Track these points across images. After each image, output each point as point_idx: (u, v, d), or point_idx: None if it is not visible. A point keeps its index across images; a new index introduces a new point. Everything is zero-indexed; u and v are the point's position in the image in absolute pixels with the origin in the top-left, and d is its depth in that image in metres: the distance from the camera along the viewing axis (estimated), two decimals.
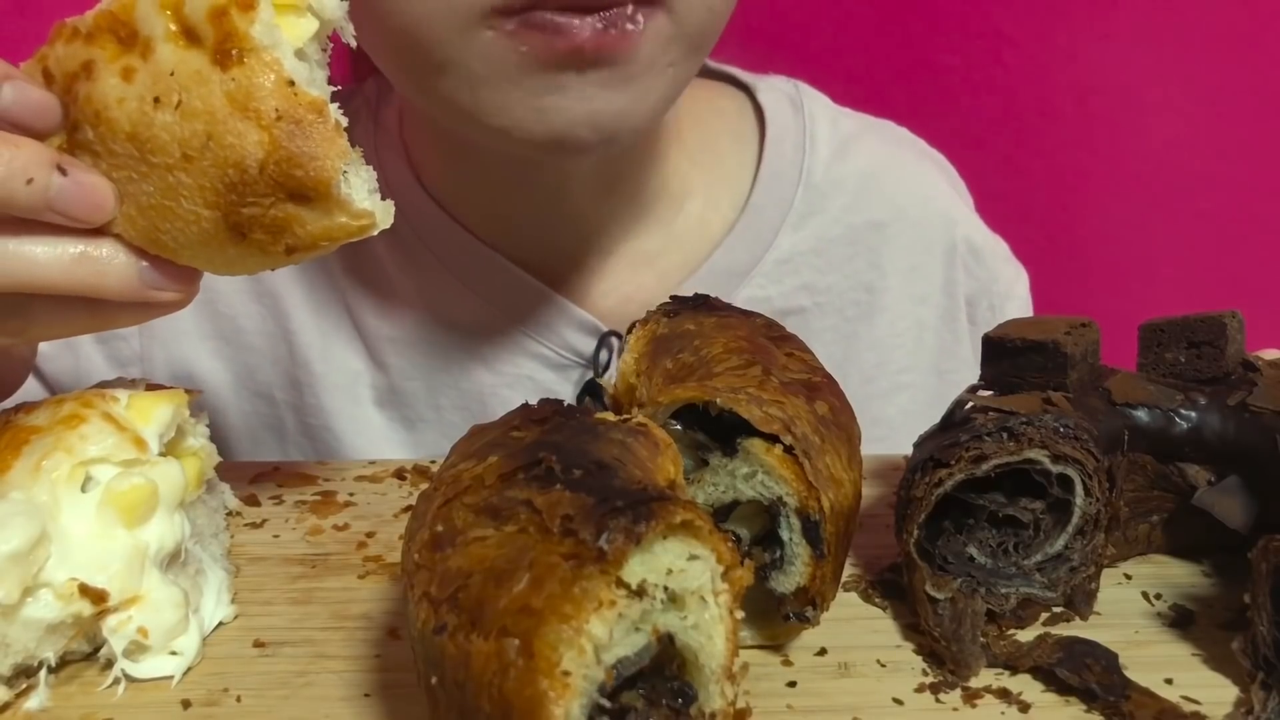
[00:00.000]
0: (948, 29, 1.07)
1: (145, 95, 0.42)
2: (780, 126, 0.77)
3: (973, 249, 0.80)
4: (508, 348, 0.73)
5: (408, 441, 0.75)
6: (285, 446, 0.77)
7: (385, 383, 0.75)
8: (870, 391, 0.77)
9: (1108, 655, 0.44)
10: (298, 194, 0.42)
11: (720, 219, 0.75)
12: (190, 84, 0.42)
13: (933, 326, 0.79)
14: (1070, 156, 1.11)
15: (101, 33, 0.43)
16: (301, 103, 0.42)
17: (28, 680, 0.44)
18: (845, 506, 0.44)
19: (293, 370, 0.75)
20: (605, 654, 0.32)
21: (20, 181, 0.42)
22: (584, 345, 0.73)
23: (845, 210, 0.77)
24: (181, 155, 0.42)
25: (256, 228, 0.43)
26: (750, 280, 0.74)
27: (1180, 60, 1.07)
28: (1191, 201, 1.11)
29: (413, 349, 0.74)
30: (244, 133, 0.41)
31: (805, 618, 0.45)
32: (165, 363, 0.75)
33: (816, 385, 0.47)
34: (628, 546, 0.32)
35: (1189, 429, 0.49)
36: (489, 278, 0.72)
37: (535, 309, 0.72)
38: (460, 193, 0.72)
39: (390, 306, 0.74)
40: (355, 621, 0.48)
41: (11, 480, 0.44)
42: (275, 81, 0.41)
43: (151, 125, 0.42)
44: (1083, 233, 1.12)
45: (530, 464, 0.36)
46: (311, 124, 0.42)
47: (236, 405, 0.77)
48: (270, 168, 0.42)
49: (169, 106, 0.42)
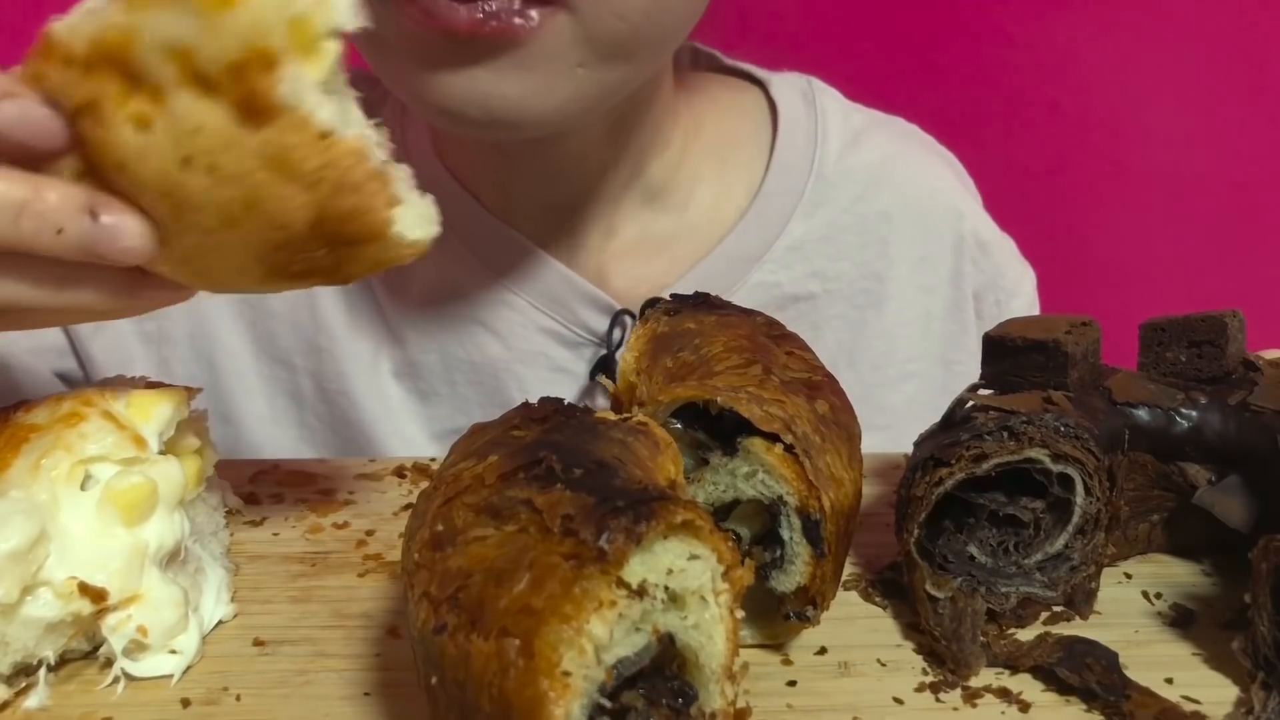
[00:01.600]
0: (950, 28, 1.07)
1: (170, 155, 0.38)
2: (793, 120, 0.78)
3: (980, 243, 0.80)
4: (522, 324, 0.74)
5: (422, 414, 0.76)
6: (303, 414, 0.77)
7: (402, 355, 0.76)
8: (877, 379, 0.78)
9: (1108, 655, 0.44)
10: (350, 242, 0.40)
11: (733, 206, 0.76)
12: (218, 147, 0.38)
13: (940, 317, 0.80)
14: (1071, 156, 1.11)
15: (101, 64, 0.38)
16: (340, 153, 0.38)
17: (27, 679, 0.44)
18: (845, 505, 0.44)
19: (314, 337, 0.76)
20: (605, 654, 0.32)
21: (50, 233, 0.39)
22: (597, 323, 0.74)
23: (855, 200, 0.78)
24: (220, 221, 0.39)
25: (311, 274, 0.42)
26: (761, 265, 0.75)
27: (1181, 60, 1.07)
28: (1192, 201, 1.11)
29: (428, 322, 0.75)
30: (287, 196, 0.38)
31: (805, 617, 0.45)
32: (186, 328, 0.76)
33: (817, 384, 0.47)
34: (628, 546, 0.32)
35: (1190, 428, 0.49)
36: (504, 253, 0.73)
37: (550, 285, 0.73)
38: (473, 169, 0.73)
39: (407, 279, 0.75)
40: (355, 620, 0.48)
41: (11, 478, 0.44)
42: (310, 139, 0.38)
43: (184, 187, 0.39)
44: (1083, 232, 1.12)
45: (531, 463, 0.36)
46: (356, 173, 0.38)
47: (255, 370, 0.77)
48: (319, 228, 0.39)
49: (200, 170, 0.38)
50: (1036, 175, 1.10)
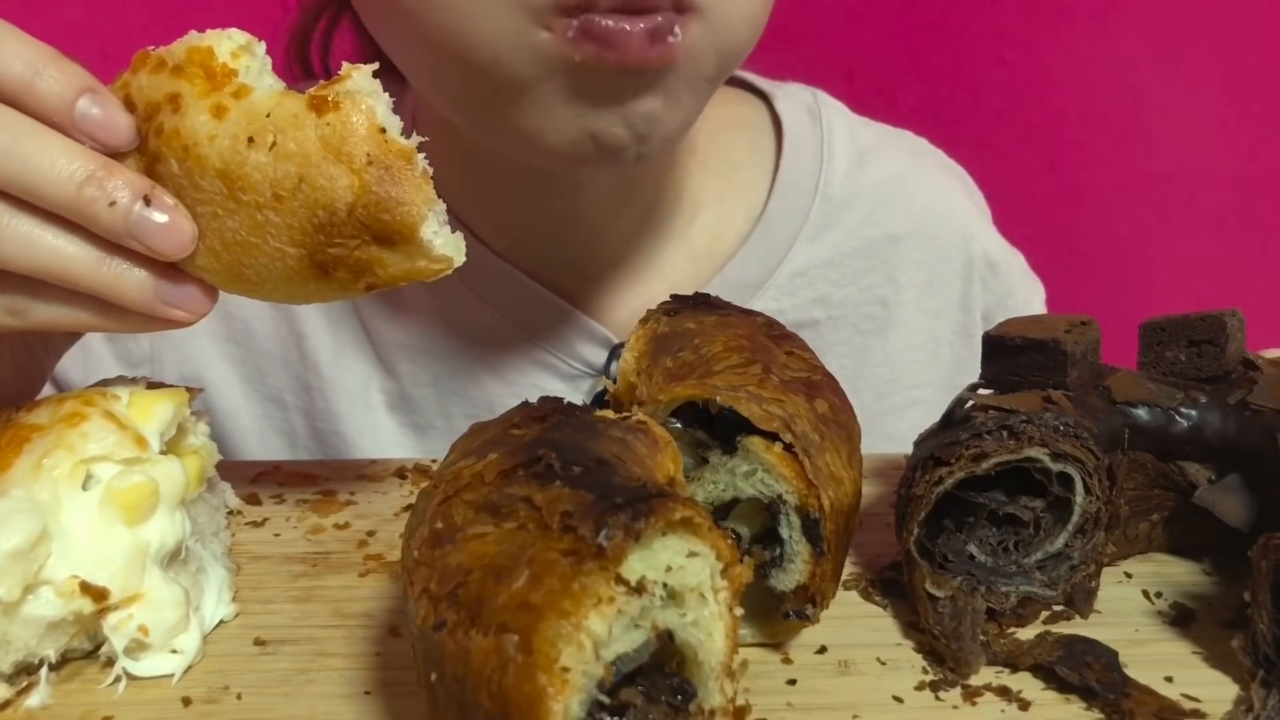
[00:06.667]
0: (949, 29, 1.07)
1: (239, 134, 0.43)
2: (798, 137, 0.76)
3: (990, 264, 0.79)
4: (518, 358, 0.73)
5: (418, 448, 0.75)
6: (295, 451, 0.77)
7: (396, 389, 0.75)
8: (883, 407, 0.77)
9: (1108, 653, 0.44)
10: (383, 237, 0.43)
11: (734, 231, 0.75)
12: (285, 126, 0.42)
13: (948, 341, 0.78)
14: (1071, 156, 1.11)
15: (192, 67, 0.44)
16: (392, 150, 0.43)
17: (29, 678, 0.44)
18: (845, 504, 0.44)
19: (304, 374, 0.75)
20: (604, 650, 0.32)
21: (104, 204, 0.43)
22: (595, 357, 0.72)
23: (861, 223, 0.76)
24: (272, 195, 0.43)
25: (340, 267, 0.44)
26: (764, 293, 0.74)
27: (1181, 59, 1.07)
28: (1192, 201, 1.11)
29: (424, 357, 0.74)
30: (335, 176, 0.42)
31: (805, 615, 0.45)
32: (176, 364, 0.75)
33: (816, 383, 0.47)
34: (627, 543, 0.32)
35: (1189, 427, 0.49)
36: (501, 289, 0.72)
37: (547, 321, 0.72)
38: (473, 204, 0.71)
39: (402, 314, 0.74)
40: (356, 619, 0.48)
41: (13, 478, 0.44)
42: (369, 128, 0.42)
43: (244, 164, 0.43)
44: (1083, 232, 1.13)
45: (530, 461, 0.36)
46: (400, 170, 0.43)
47: (247, 408, 0.77)
48: (359, 211, 0.42)
49: (263, 147, 0.42)
50: (1036, 174, 1.11)
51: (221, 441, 0.74)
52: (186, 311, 0.46)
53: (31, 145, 0.43)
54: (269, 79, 0.45)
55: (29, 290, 0.45)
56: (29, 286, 0.45)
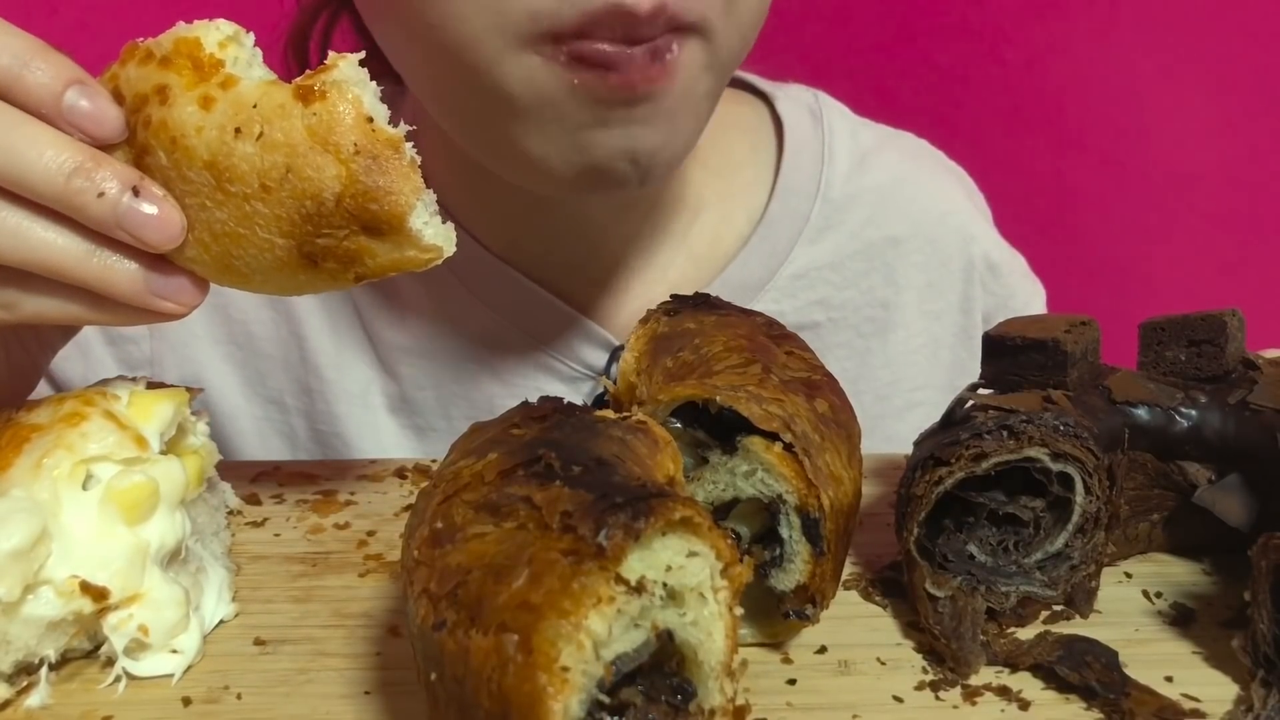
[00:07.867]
0: (948, 27, 1.07)
1: (226, 125, 0.42)
2: (799, 139, 0.76)
3: (991, 266, 0.79)
4: (519, 361, 0.73)
5: (418, 450, 0.75)
6: (296, 453, 0.77)
7: (397, 391, 0.75)
8: (884, 409, 0.76)
9: (1108, 653, 0.44)
10: (371, 227, 0.43)
11: (734, 233, 0.74)
12: (272, 117, 0.42)
13: (948, 344, 0.78)
14: (1070, 155, 1.11)
15: (180, 58, 0.44)
16: (379, 139, 0.42)
17: (29, 678, 0.44)
18: (845, 504, 0.44)
19: (304, 377, 0.75)
20: (604, 650, 0.32)
21: (93, 194, 0.43)
22: (595, 359, 0.72)
23: (862, 225, 0.76)
24: (260, 185, 0.43)
25: (329, 257, 0.44)
26: (764, 295, 0.74)
27: (1180, 59, 1.07)
28: (1191, 200, 1.11)
29: (424, 359, 0.74)
30: (323, 166, 0.42)
31: (805, 615, 0.45)
32: (176, 367, 0.75)
33: (816, 383, 0.47)
34: (627, 543, 0.32)
35: (1189, 427, 0.49)
36: (502, 292, 0.72)
37: (548, 323, 0.72)
38: (473, 207, 0.71)
39: (402, 316, 0.74)
40: (356, 619, 0.48)
41: (13, 478, 0.44)
42: (355, 117, 0.42)
43: (231, 155, 0.42)
44: (1083, 232, 1.13)
45: (530, 461, 0.36)
46: (388, 159, 0.42)
47: (248, 411, 0.76)
48: (347, 200, 0.42)
49: (250, 138, 0.42)
50: (1036, 174, 1.11)
51: (222, 444, 0.74)
52: (176, 303, 0.46)
53: (20, 137, 0.42)
54: (258, 69, 0.45)
55: (18, 283, 0.45)
56: (19, 279, 0.45)
